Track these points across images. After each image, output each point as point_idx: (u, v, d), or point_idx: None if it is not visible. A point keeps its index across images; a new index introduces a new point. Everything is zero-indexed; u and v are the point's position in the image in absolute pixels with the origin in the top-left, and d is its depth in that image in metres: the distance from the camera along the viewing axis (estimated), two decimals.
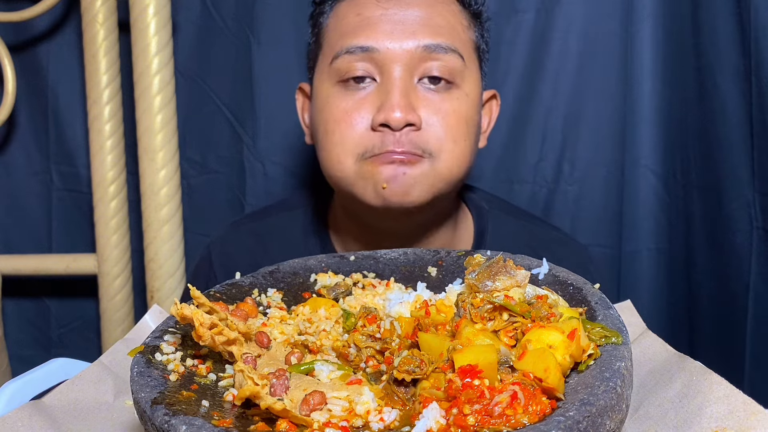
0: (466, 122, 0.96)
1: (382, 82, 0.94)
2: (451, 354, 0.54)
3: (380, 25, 0.94)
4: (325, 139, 0.97)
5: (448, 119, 0.94)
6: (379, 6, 0.95)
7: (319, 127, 0.98)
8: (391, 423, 0.52)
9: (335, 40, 0.97)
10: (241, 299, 0.72)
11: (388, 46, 0.92)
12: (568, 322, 0.56)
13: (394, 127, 0.91)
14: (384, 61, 0.93)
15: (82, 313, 1.59)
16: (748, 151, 1.22)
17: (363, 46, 0.93)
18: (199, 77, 1.47)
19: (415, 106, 0.92)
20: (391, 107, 0.90)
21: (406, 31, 0.93)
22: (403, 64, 0.93)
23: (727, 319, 1.30)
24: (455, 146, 0.94)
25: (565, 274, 0.71)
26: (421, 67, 0.93)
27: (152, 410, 0.52)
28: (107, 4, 1.38)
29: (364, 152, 0.93)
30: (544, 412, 0.49)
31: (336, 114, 0.95)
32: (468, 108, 0.96)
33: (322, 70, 0.99)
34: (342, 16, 0.98)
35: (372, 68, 0.94)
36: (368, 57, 0.93)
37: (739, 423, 0.56)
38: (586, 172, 1.43)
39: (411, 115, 0.91)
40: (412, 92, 0.93)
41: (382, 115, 0.91)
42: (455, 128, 0.94)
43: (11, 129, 1.54)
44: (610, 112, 1.40)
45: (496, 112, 1.10)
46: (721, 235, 1.29)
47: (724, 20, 1.22)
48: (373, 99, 0.93)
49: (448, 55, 0.94)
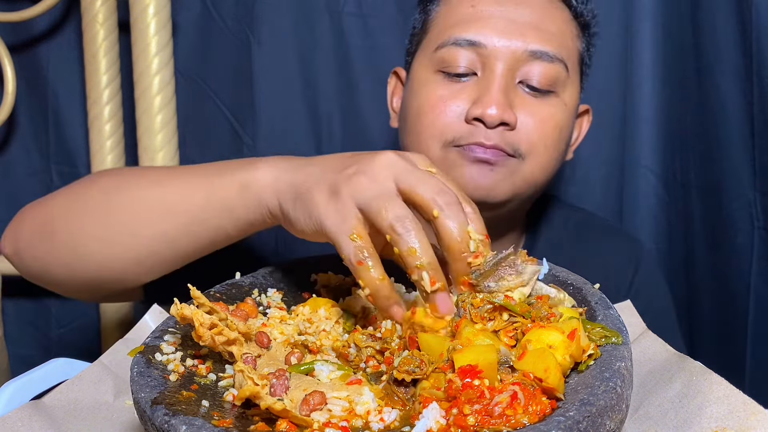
0: (560, 130, 0.95)
1: (483, 76, 0.93)
2: (451, 354, 0.54)
3: (492, 20, 0.93)
4: (415, 121, 0.96)
5: (544, 125, 0.93)
6: (495, 1, 0.94)
7: (411, 110, 0.97)
8: (391, 423, 0.52)
9: (444, 28, 0.96)
10: (241, 299, 0.72)
11: (496, 44, 0.91)
12: (568, 322, 0.56)
13: (488, 123, 0.90)
14: (489, 57, 0.92)
15: (82, 313, 1.59)
16: (749, 150, 1.21)
17: (471, 40, 0.92)
18: (199, 77, 1.47)
19: (513, 105, 0.91)
20: (489, 102, 0.89)
21: (516, 31, 0.92)
22: (506, 63, 0.92)
23: (727, 320, 1.30)
24: (545, 152, 0.94)
25: (565, 274, 0.71)
26: (524, 69, 0.92)
27: (152, 410, 0.52)
28: (107, 4, 1.38)
29: (453, 140, 0.92)
30: (544, 412, 0.49)
31: (432, 99, 0.94)
32: (564, 117, 0.96)
33: (425, 55, 0.98)
34: (455, 5, 0.97)
35: (476, 62, 0.93)
36: (474, 51, 0.92)
37: (739, 423, 0.56)
38: (586, 172, 1.43)
39: (507, 113, 0.90)
40: (511, 91, 0.92)
41: (479, 109, 0.90)
42: (549, 134, 0.94)
43: (11, 129, 1.54)
44: (610, 112, 1.40)
45: (586, 127, 1.10)
46: (721, 235, 1.29)
47: (724, 20, 1.22)
48: (471, 91, 0.92)
49: (554, 64, 0.93)
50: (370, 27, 1.42)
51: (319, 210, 0.63)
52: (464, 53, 0.92)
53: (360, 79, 1.43)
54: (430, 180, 0.61)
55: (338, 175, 0.63)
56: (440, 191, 0.60)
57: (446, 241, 0.59)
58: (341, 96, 1.45)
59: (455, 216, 0.59)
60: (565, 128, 0.96)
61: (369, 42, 1.42)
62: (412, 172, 0.61)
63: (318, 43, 1.44)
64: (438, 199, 0.59)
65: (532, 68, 0.92)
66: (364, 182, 0.61)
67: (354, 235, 0.60)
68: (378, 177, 0.61)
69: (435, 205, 0.59)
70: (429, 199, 0.59)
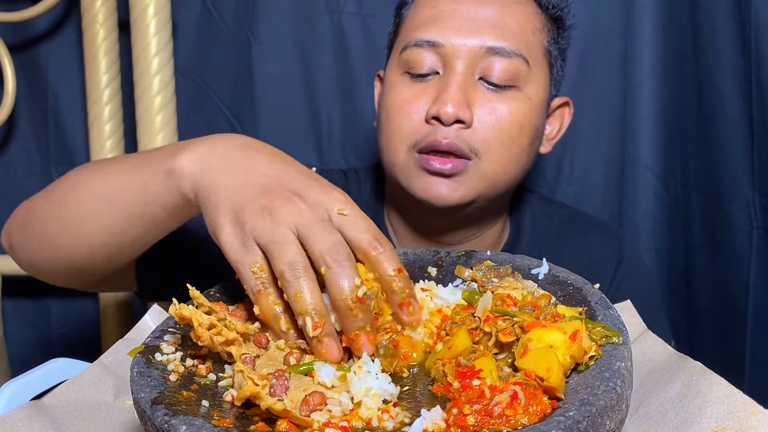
0: (521, 125, 0.95)
1: (444, 74, 0.95)
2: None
3: (450, 20, 0.95)
4: (385, 124, 0.99)
5: (502, 121, 0.94)
6: (455, 1, 0.96)
7: (381, 113, 1.01)
8: (398, 423, 0.52)
9: (409, 30, 0.99)
10: (242, 299, 0.72)
11: (454, 42, 0.94)
12: (571, 322, 0.56)
13: (444, 121, 0.92)
14: (448, 55, 0.94)
15: (82, 313, 1.59)
16: (748, 150, 1.21)
17: (431, 40, 0.95)
18: (199, 77, 1.47)
19: (471, 102, 0.93)
20: (445, 101, 0.91)
21: (474, 29, 0.94)
22: (465, 60, 0.93)
23: (727, 319, 1.30)
24: (502, 149, 0.95)
25: (565, 274, 0.71)
26: (483, 65, 0.94)
27: (152, 410, 0.52)
28: (107, 4, 1.38)
29: (415, 143, 0.95)
30: (545, 413, 0.49)
31: (397, 102, 0.97)
32: (527, 111, 0.96)
33: (393, 58, 1.01)
34: (420, 8, 1.00)
35: (437, 62, 0.95)
36: (434, 51, 0.95)
37: (739, 423, 0.56)
38: (586, 172, 1.43)
39: (462, 111, 0.91)
40: (470, 88, 0.94)
41: (435, 108, 0.92)
42: (507, 131, 0.94)
43: (11, 129, 1.54)
44: (610, 112, 1.40)
45: (567, 119, 1.10)
46: (720, 235, 1.29)
47: (723, 20, 1.22)
48: (432, 91, 0.95)
49: (512, 59, 0.94)
50: (370, 27, 1.42)
51: (223, 232, 0.65)
52: (426, 54, 0.95)
53: (360, 79, 1.44)
54: (325, 236, 0.62)
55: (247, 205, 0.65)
56: (331, 248, 0.62)
57: (331, 297, 0.61)
58: (341, 96, 1.45)
59: (340, 274, 0.61)
60: (528, 123, 0.96)
61: (369, 42, 1.42)
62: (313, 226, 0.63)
63: (318, 43, 1.44)
64: (327, 257, 0.61)
65: (490, 64, 0.94)
66: (267, 224, 0.63)
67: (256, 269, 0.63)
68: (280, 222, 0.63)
69: (323, 263, 0.61)
70: (318, 257, 0.61)
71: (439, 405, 0.51)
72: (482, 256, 0.78)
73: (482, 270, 0.68)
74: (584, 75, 1.39)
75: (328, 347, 0.61)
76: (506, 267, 0.69)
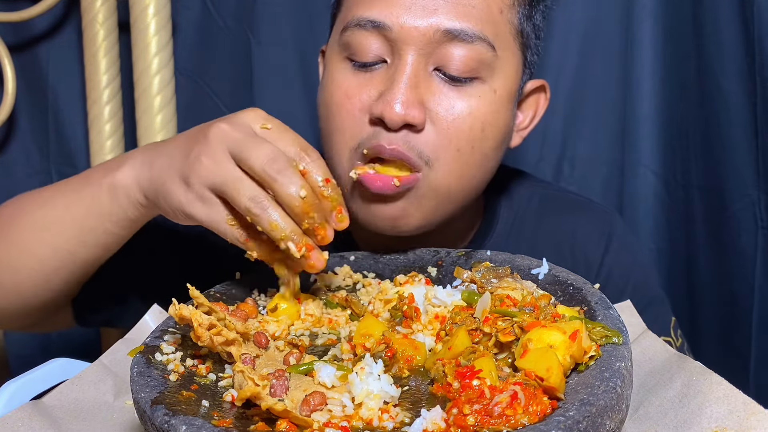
0: (483, 126, 0.81)
1: (390, 65, 0.80)
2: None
3: None
4: (324, 123, 0.85)
5: (460, 122, 0.79)
6: None
7: (321, 106, 0.86)
8: (398, 422, 0.52)
9: (351, 4, 0.83)
10: (242, 299, 0.72)
11: (402, 24, 0.77)
12: (570, 322, 0.57)
13: (389, 125, 0.78)
14: (396, 41, 0.78)
15: None
16: (752, 150, 1.21)
17: (375, 21, 0.79)
18: (199, 77, 1.47)
19: (423, 99, 0.79)
20: (391, 101, 0.77)
21: (427, 6, 0.78)
22: (417, 47, 0.78)
23: (729, 320, 1.30)
24: (458, 156, 0.80)
25: (565, 274, 0.71)
26: (439, 54, 0.79)
27: (152, 410, 0.52)
28: (107, 4, 1.38)
29: (358, 146, 0.81)
30: (545, 413, 0.49)
31: (337, 96, 0.82)
32: (491, 108, 0.81)
33: (334, 38, 0.86)
34: None
35: (384, 49, 0.80)
36: (380, 34, 0.79)
37: (739, 423, 0.56)
38: (586, 172, 1.43)
39: (412, 113, 0.77)
40: (423, 83, 0.79)
41: (380, 108, 0.78)
42: (465, 134, 0.80)
43: (11, 129, 1.54)
44: (610, 112, 1.40)
45: (543, 106, 0.95)
46: (724, 235, 1.29)
47: (727, 19, 1.22)
48: (378, 83, 0.80)
49: (474, 44, 0.78)
50: None
51: (180, 201, 0.67)
52: (370, 38, 0.80)
53: None
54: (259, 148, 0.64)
55: (185, 162, 0.66)
56: (269, 159, 0.63)
57: (288, 208, 0.63)
58: None
59: (288, 182, 0.63)
60: (492, 122, 0.82)
61: None
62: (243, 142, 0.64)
63: (318, 43, 1.43)
64: (268, 170, 0.63)
65: (448, 52, 0.78)
66: (208, 165, 0.65)
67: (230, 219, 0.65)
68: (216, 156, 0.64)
69: (267, 177, 0.63)
70: (260, 172, 0.63)
71: (439, 405, 0.51)
72: (481, 256, 0.78)
73: (481, 271, 0.68)
74: (584, 75, 1.39)
75: (316, 258, 0.65)
76: (505, 268, 0.69)
